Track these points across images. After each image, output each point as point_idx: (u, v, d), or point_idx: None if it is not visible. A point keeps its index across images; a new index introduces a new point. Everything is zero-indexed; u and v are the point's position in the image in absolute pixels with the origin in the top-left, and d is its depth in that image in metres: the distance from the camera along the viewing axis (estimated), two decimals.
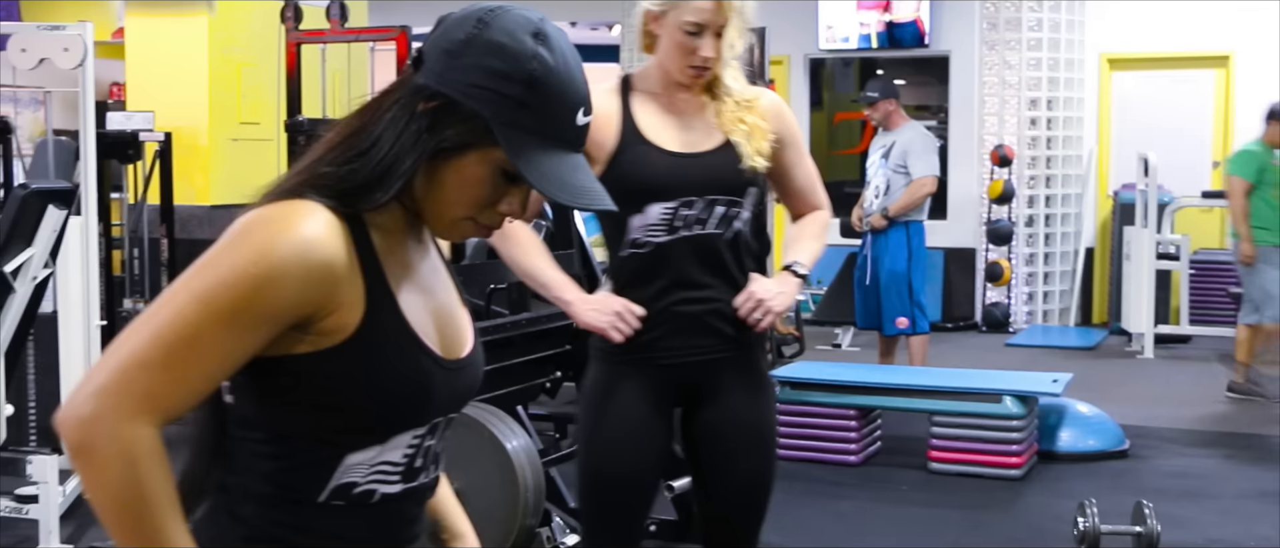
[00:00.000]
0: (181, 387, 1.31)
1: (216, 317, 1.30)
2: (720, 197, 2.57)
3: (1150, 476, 5.65)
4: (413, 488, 1.48)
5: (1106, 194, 10.58)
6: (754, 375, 2.67)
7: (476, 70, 1.37)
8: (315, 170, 1.39)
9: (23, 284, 4.42)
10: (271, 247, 1.31)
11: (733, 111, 2.60)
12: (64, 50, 4.91)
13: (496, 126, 1.36)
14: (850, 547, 4.73)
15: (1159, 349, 9.00)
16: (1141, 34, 10.40)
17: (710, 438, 2.65)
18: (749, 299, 2.57)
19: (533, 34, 1.38)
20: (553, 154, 1.39)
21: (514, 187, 1.41)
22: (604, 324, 2.53)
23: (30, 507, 4.58)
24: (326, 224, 1.34)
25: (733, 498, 2.67)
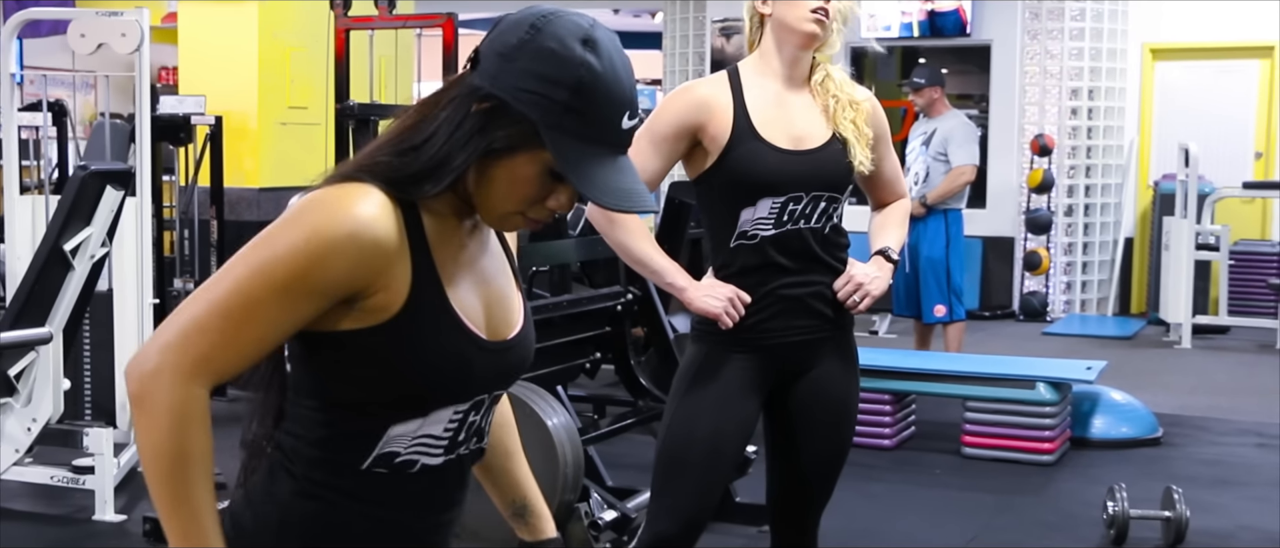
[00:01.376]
0: (234, 352, 1.41)
1: (271, 288, 1.39)
2: (824, 193, 2.66)
3: (1182, 463, 5.67)
4: (454, 459, 1.56)
5: (1147, 184, 10.56)
6: (848, 355, 2.79)
7: (527, 75, 1.43)
8: (373, 158, 1.47)
9: (81, 263, 4.57)
10: (325, 225, 1.40)
11: (845, 111, 2.69)
12: (122, 35, 5.04)
13: (544, 131, 1.43)
14: (882, 529, 4.78)
15: (1197, 340, 9.00)
16: (1185, 24, 10.35)
17: (802, 410, 2.74)
18: (849, 283, 2.69)
19: (582, 41, 1.44)
20: (598, 157, 1.46)
21: (561, 185, 1.48)
22: (718, 310, 2.62)
23: (86, 478, 4.73)
24: (379, 206, 1.42)
25: (814, 467, 2.79)
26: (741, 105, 2.67)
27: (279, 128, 7.13)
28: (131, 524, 4.61)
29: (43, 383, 4.61)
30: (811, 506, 2.84)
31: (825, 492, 2.85)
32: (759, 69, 2.71)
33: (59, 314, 4.50)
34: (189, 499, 1.40)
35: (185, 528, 1.40)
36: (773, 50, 2.69)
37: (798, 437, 2.77)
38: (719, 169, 2.67)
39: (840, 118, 2.68)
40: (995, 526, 4.80)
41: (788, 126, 2.67)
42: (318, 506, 1.50)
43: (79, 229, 4.53)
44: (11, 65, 5.02)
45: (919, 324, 7.22)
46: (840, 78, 2.72)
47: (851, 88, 2.73)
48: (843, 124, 2.68)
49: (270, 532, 1.50)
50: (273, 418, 1.54)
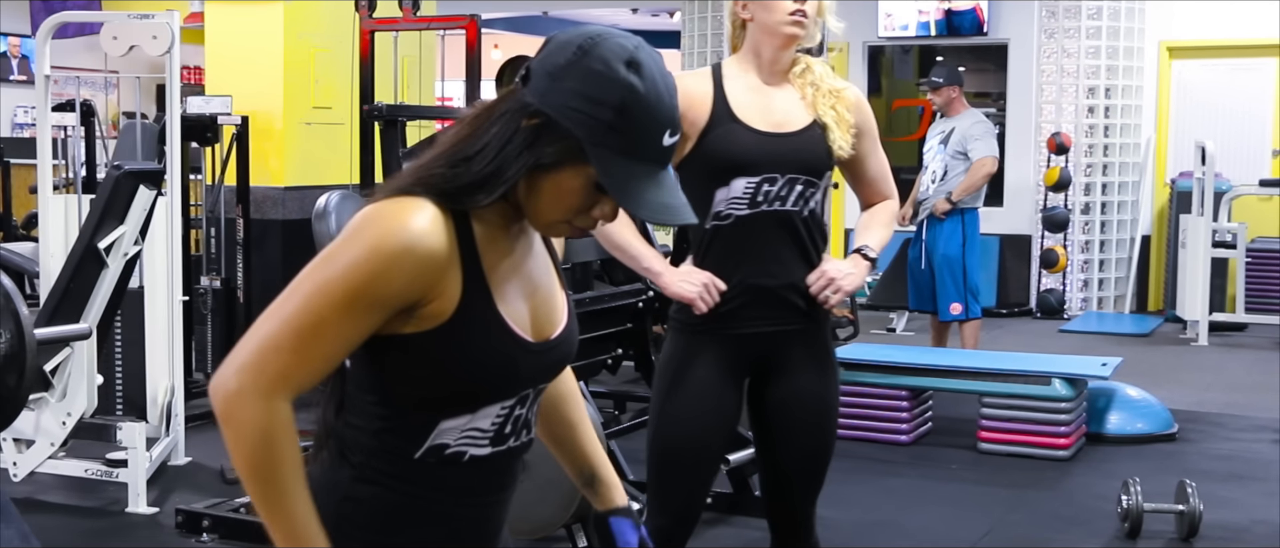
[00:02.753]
0: (309, 366, 1.50)
1: (335, 305, 1.49)
2: (800, 175, 2.70)
3: (1197, 458, 5.69)
4: (501, 452, 1.64)
5: (1164, 182, 10.56)
6: (821, 350, 2.81)
7: (574, 94, 1.50)
8: (428, 171, 1.55)
9: (115, 260, 4.63)
10: (382, 241, 1.49)
11: (826, 99, 2.73)
12: (153, 37, 5.14)
13: (588, 147, 1.51)
14: (899, 522, 4.81)
15: (1214, 337, 9.01)
16: (1202, 22, 10.35)
17: (778, 409, 2.78)
18: (821, 277, 2.71)
19: (627, 63, 1.51)
20: (640, 172, 1.53)
21: (605, 196, 1.55)
22: (692, 295, 2.66)
23: (119, 471, 4.82)
24: (432, 219, 1.51)
25: (796, 464, 2.81)
26: (721, 93, 2.73)
27: (304, 128, 7.18)
28: (164, 516, 4.67)
29: (77, 378, 4.67)
30: (801, 502, 2.86)
31: (813, 488, 2.86)
32: (741, 67, 2.77)
33: (93, 311, 4.56)
34: (286, 505, 1.51)
35: (288, 530, 1.51)
36: (754, 51, 2.75)
37: (780, 437, 2.81)
38: (697, 151, 2.71)
39: (820, 103, 2.72)
40: (1011, 520, 4.83)
41: (767, 112, 2.72)
42: (374, 490, 1.60)
43: (113, 227, 4.58)
44: (46, 67, 5.10)
45: (935, 321, 7.26)
46: (821, 69, 2.77)
47: (833, 79, 2.77)
48: (822, 109, 2.72)
49: (330, 514, 1.59)
50: (334, 410, 1.63)
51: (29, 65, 13.42)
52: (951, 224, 7.03)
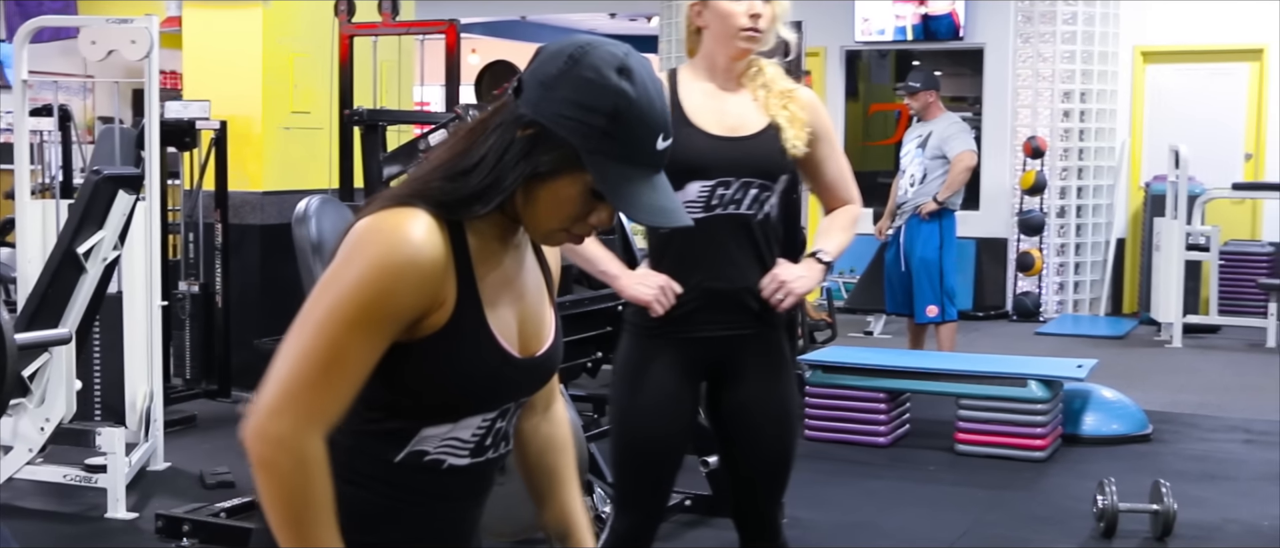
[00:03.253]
0: (335, 393, 1.50)
1: (349, 327, 1.48)
2: (755, 179, 2.72)
3: (1171, 459, 5.73)
4: (480, 463, 1.65)
5: (1138, 186, 10.63)
6: (776, 354, 2.82)
7: (567, 103, 1.51)
8: (427, 183, 1.55)
9: (94, 265, 4.63)
10: (384, 256, 1.49)
11: (778, 99, 2.75)
12: (131, 42, 5.14)
13: (584, 154, 1.51)
14: (878, 523, 4.84)
15: (1188, 339, 9.07)
16: (1175, 27, 10.45)
17: (736, 413, 2.81)
18: (773, 281, 2.73)
19: (618, 69, 1.52)
20: (635, 177, 1.53)
21: (601, 203, 1.56)
22: (649, 297, 2.68)
23: (99, 476, 4.80)
24: (428, 229, 1.51)
25: (758, 467, 2.84)
26: (676, 98, 2.74)
27: (283, 132, 7.17)
28: (143, 521, 4.66)
29: (56, 383, 4.64)
30: (766, 503, 2.88)
31: (776, 490, 2.89)
32: (696, 73, 2.79)
33: (72, 316, 4.55)
34: (320, 540, 1.51)
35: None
36: (709, 57, 2.77)
37: (741, 441, 2.83)
38: None
39: (771, 104, 2.74)
40: (988, 520, 4.86)
41: (721, 116, 2.74)
42: (353, 490, 1.60)
43: (92, 232, 4.58)
44: (24, 72, 5.08)
45: (912, 324, 7.28)
46: (773, 72, 2.79)
47: (785, 80, 2.80)
48: (774, 110, 2.74)
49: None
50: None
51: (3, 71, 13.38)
52: (929, 227, 7.07)
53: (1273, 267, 9.80)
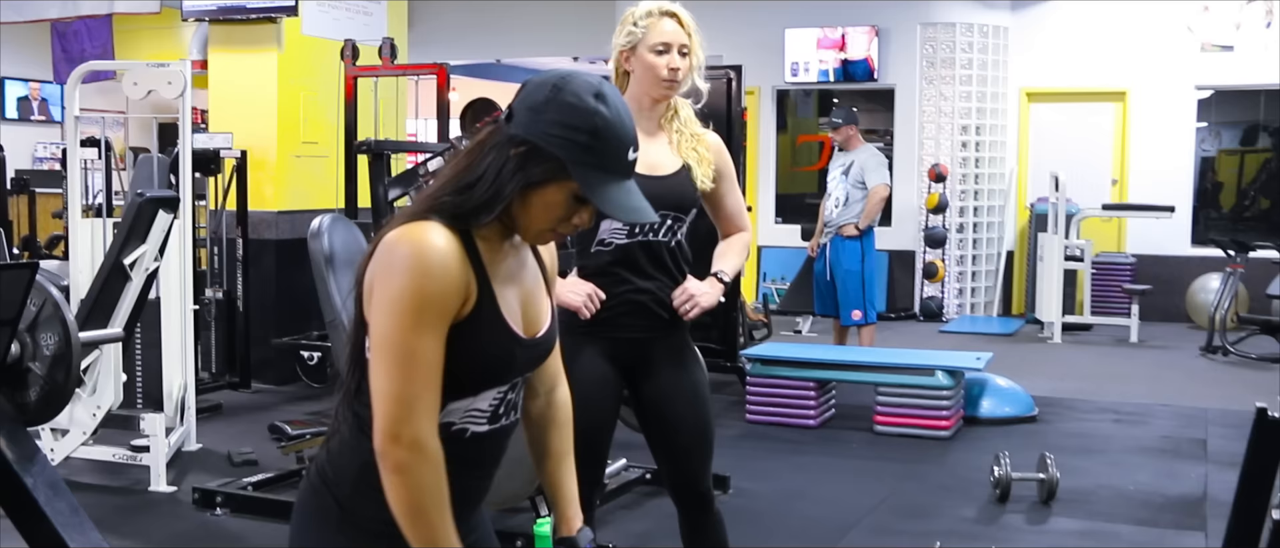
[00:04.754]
0: (431, 389, 1.57)
1: (416, 330, 1.55)
2: (671, 212, 2.77)
3: (1054, 436, 5.80)
4: (496, 429, 1.71)
5: (1024, 206, 10.71)
6: (684, 350, 2.87)
7: (554, 124, 1.58)
8: (437, 199, 1.61)
9: (138, 274, 4.63)
10: (416, 260, 1.55)
11: (689, 142, 2.82)
12: (168, 83, 5.15)
13: (570, 165, 1.58)
14: (810, 493, 4.89)
15: (1066, 335, 9.16)
16: (1054, 72, 10.58)
17: (657, 400, 2.83)
18: (683, 293, 2.78)
19: (594, 95, 1.59)
20: (611, 182, 1.61)
21: (583, 206, 1.63)
22: (578, 303, 2.72)
23: (142, 456, 4.83)
24: (446, 237, 1.58)
25: (687, 441, 2.85)
26: None
27: (294, 160, 7.18)
28: (181, 494, 4.69)
29: (105, 376, 4.67)
30: (699, 475, 2.87)
31: (705, 461, 2.87)
32: None
33: (119, 318, 4.55)
34: (444, 529, 1.58)
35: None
36: (636, 98, 2.79)
37: (668, 422, 2.84)
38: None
39: (684, 147, 2.80)
40: (903, 489, 4.92)
41: (644, 157, 2.73)
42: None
43: (136, 246, 4.57)
44: (76, 109, 5.09)
45: (837, 325, 7.31)
46: (687, 115, 2.84)
47: (696, 125, 2.85)
48: (686, 151, 2.80)
49: (350, 477, 1.66)
50: (354, 389, 1.69)
51: (47, 107, 13.25)
52: (852, 244, 7.10)
53: (1135, 275, 9.96)
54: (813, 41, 10.77)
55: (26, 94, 13.00)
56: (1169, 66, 10.18)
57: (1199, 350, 8.56)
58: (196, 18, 7.25)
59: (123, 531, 4.16)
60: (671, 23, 2.77)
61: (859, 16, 10.62)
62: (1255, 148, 10.79)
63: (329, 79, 7.00)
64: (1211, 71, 10.14)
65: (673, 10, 2.78)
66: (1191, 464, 5.33)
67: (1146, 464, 5.34)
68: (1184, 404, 6.67)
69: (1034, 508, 4.61)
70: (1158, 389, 7.17)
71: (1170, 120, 10.30)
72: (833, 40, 10.74)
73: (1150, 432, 6.01)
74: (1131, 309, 9.17)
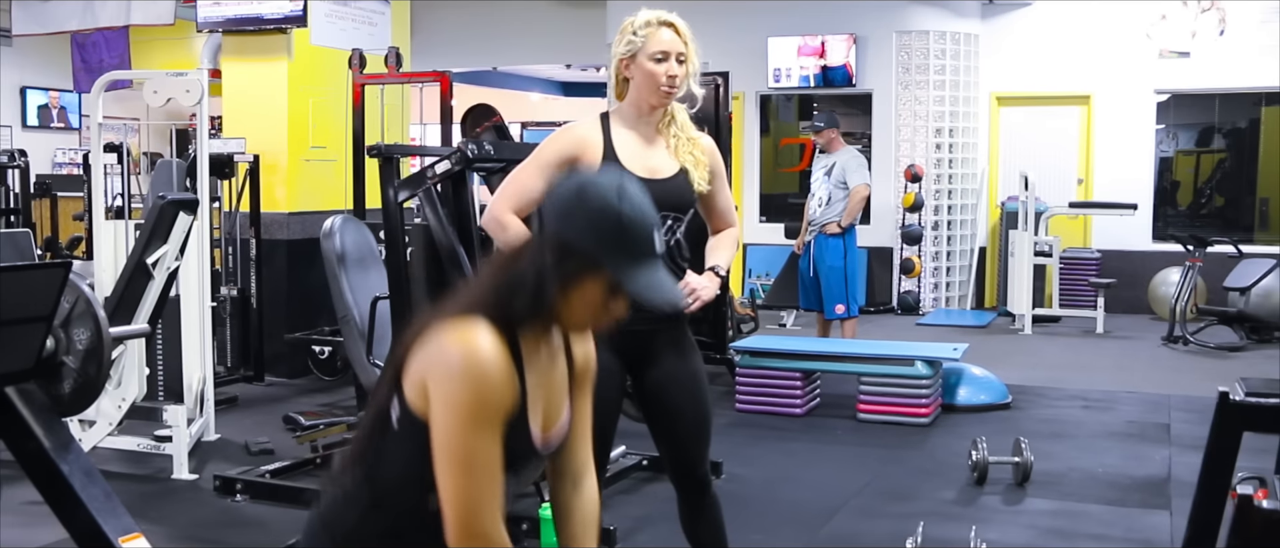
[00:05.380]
0: (494, 489, 1.60)
1: (477, 435, 1.57)
2: (671, 212, 2.79)
3: (1027, 422, 5.84)
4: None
5: (996, 204, 10.74)
6: (684, 341, 2.87)
7: (583, 225, 1.63)
8: (485, 302, 1.64)
9: (160, 273, 4.64)
10: (477, 370, 1.57)
11: (686, 146, 2.83)
12: (186, 91, 5.15)
13: (604, 259, 1.62)
14: (797, 477, 4.91)
15: (1036, 327, 9.20)
16: (1023, 77, 10.62)
17: (659, 389, 2.84)
18: (685, 288, 2.78)
19: (616, 192, 1.64)
20: (642, 269, 1.65)
21: (619, 295, 1.66)
22: None
23: (165, 445, 4.83)
24: (497, 342, 1.60)
25: (685, 428, 2.86)
26: (609, 143, 2.77)
27: (304, 164, 7.18)
28: (203, 481, 4.69)
29: (130, 370, 4.68)
30: (697, 460, 2.89)
31: (703, 446, 2.88)
32: (624, 117, 2.83)
33: (143, 314, 4.56)
34: None
35: None
36: (634, 103, 2.82)
37: (669, 410, 2.85)
38: None
39: (681, 151, 2.81)
40: (885, 473, 4.94)
41: (645, 161, 2.79)
42: (386, 519, 1.68)
43: (158, 246, 4.57)
44: (99, 116, 5.09)
45: (821, 318, 7.33)
46: (683, 119, 2.85)
47: (691, 129, 2.86)
48: (683, 155, 2.81)
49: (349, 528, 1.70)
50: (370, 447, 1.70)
51: (66, 115, 13.22)
52: (835, 242, 7.12)
53: (1100, 269, 10.02)
54: (794, 49, 10.79)
55: (46, 102, 12.98)
56: (1130, 72, 10.24)
57: (1161, 340, 8.62)
58: (210, 29, 7.24)
59: (148, 516, 4.15)
60: (669, 32, 2.78)
61: (838, 25, 10.66)
62: (1210, 148, 10.86)
63: (336, 86, 7.00)
64: (1169, 77, 10.20)
65: (670, 20, 2.80)
66: (1156, 447, 5.37)
67: (1114, 448, 5.38)
68: (1148, 391, 6.72)
69: (1010, 490, 4.64)
70: (1123, 377, 7.22)
71: (1131, 123, 10.37)
72: (813, 48, 10.77)
73: (1117, 417, 6.05)
74: (1097, 302, 9.21)
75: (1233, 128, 10.74)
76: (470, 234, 4.44)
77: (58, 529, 3.54)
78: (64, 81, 11.54)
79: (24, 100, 12.82)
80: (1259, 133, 10.53)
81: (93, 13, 8.12)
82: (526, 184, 2.79)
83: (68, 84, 10.37)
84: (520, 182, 2.82)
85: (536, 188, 2.76)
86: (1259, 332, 8.51)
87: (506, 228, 2.79)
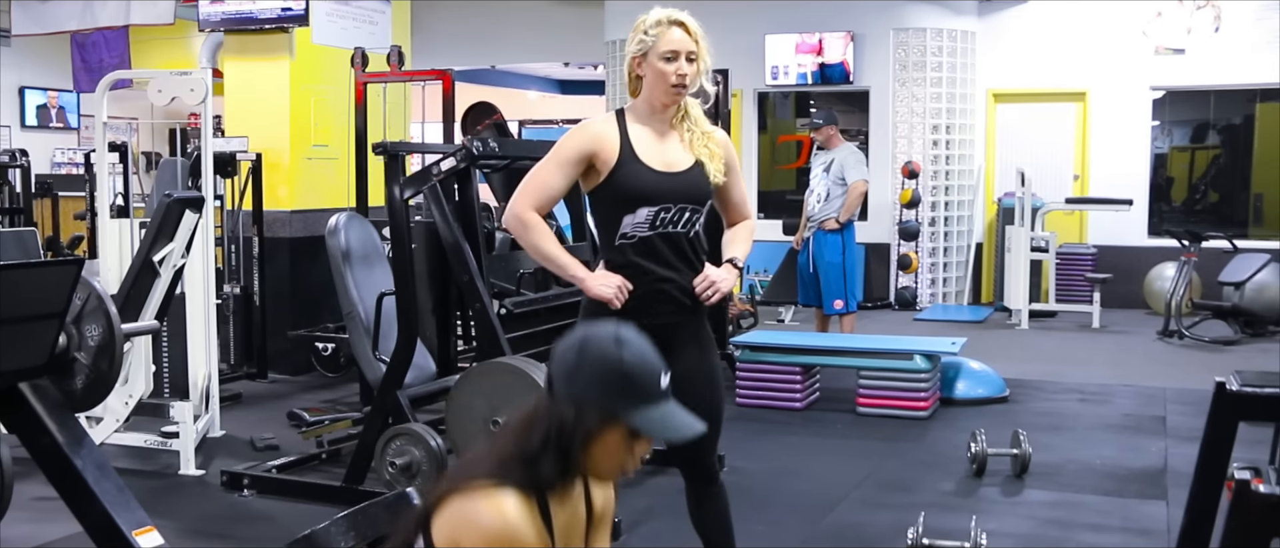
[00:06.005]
0: None
1: None
2: (688, 204, 2.84)
3: (1025, 414, 5.87)
4: None
5: (992, 200, 10.77)
6: (703, 334, 2.92)
7: (590, 382, 1.67)
8: (509, 468, 1.67)
9: (166, 271, 4.67)
10: (508, 539, 1.62)
11: (700, 140, 2.88)
12: (190, 90, 5.18)
13: (618, 410, 1.67)
14: (798, 470, 4.93)
15: (1033, 322, 9.23)
16: (1019, 74, 10.65)
17: (675, 382, 2.88)
18: (703, 280, 2.85)
19: (615, 342, 1.68)
20: (655, 410, 1.69)
21: (639, 439, 1.70)
22: (609, 294, 2.79)
23: (172, 441, 4.87)
24: (521, 507, 1.64)
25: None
26: (626, 138, 2.82)
27: (306, 162, 7.21)
28: (210, 477, 4.73)
29: (137, 366, 4.70)
30: (707, 451, 2.94)
31: (713, 439, 2.94)
32: (639, 113, 2.88)
33: (149, 312, 4.58)
34: None
35: None
36: (648, 100, 2.86)
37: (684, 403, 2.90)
38: (608, 185, 2.83)
39: (696, 144, 2.86)
40: (885, 466, 4.98)
41: (661, 155, 2.84)
42: None
43: (165, 244, 4.59)
44: (104, 115, 5.11)
45: (820, 313, 7.36)
46: (696, 114, 2.90)
47: (706, 123, 2.91)
48: (698, 148, 2.85)
49: None
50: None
51: (64, 115, 13.24)
52: (833, 238, 7.16)
53: (1096, 264, 10.06)
54: (792, 47, 10.81)
55: (45, 102, 13.00)
56: (1125, 69, 10.29)
57: (1156, 334, 8.66)
58: (212, 28, 7.27)
59: (157, 511, 4.15)
60: (679, 31, 2.82)
61: (835, 23, 10.69)
62: (1205, 145, 10.91)
63: (337, 85, 7.03)
64: (1165, 73, 10.25)
65: (680, 19, 2.83)
66: (1152, 439, 5.42)
67: (1111, 440, 5.42)
68: (1144, 384, 6.76)
69: (1008, 481, 4.68)
70: (1119, 371, 7.27)
71: (1127, 119, 10.41)
72: (811, 45, 10.80)
73: (1113, 410, 6.10)
74: (1093, 296, 9.25)
75: (1227, 124, 10.78)
76: (475, 230, 4.48)
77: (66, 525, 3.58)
78: (62, 81, 11.56)
79: (23, 100, 12.83)
80: (1253, 129, 10.58)
81: (92, 13, 8.14)
82: (546, 181, 2.83)
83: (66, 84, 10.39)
84: (540, 179, 2.87)
85: (556, 184, 2.82)
86: (1253, 326, 8.57)
87: (528, 226, 2.84)
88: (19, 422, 2.92)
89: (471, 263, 4.25)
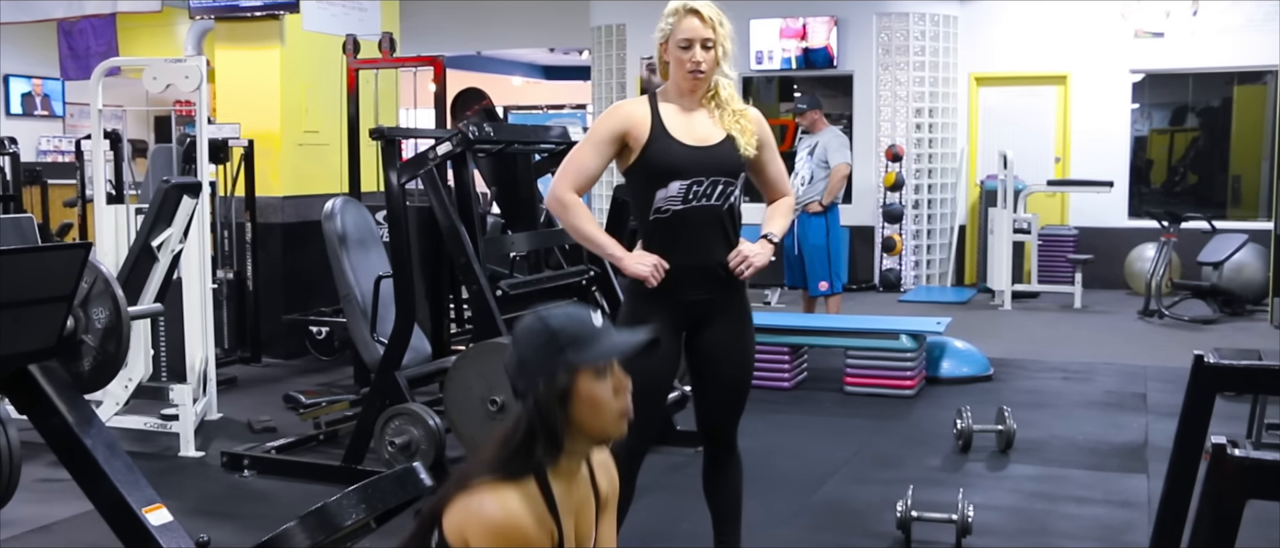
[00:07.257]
0: None
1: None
2: (721, 178, 2.88)
3: (1009, 392, 5.95)
4: None
5: (975, 183, 10.83)
6: (740, 309, 3.00)
7: (534, 359, 1.79)
8: (500, 461, 1.78)
9: (164, 255, 4.72)
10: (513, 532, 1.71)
11: (732, 117, 2.93)
12: (185, 77, 5.21)
13: (567, 361, 1.77)
14: (788, 448, 5.00)
15: (1015, 303, 9.30)
16: (1001, 57, 10.71)
17: (707, 353, 2.97)
18: (738, 256, 2.90)
19: (536, 319, 1.81)
20: (598, 340, 1.80)
21: (606, 377, 1.81)
22: (646, 273, 2.85)
23: (172, 423, 4.92)
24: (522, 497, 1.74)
25: (722, 393, 3.01)
26: (657, 116, 2.88)
27: (297, 148, 7.23)
28: (210, 458, 4.78)
29: (136, 350, 4.71)
30: (728, 421, 3.05)
31: (736, 410, 3.04)
32: (668, 95, 2.95)
33: (148, 296, 4.62)
34: None
35: None
36: (676, 83, 2.93)
37: (711, 373, 2.98)
38: (641, 161, 2.89)
39: (726, 120, 2.91)
40: (872, 443, 5.05)
41: (691, 130, 2.90)
42: None
43: (163, 229, 4.64)
44: (99, 103, 5.14)
45: (805, 295, 7.43)
46: (727, 92, 2.95)
47: (738, 101, 2.98)
48: (729, 125, 2.90)
49: None
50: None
51: (50, 102, 13.19)
52: (818, 220, 7.24)
53: (1077, 245, 10.15)
54: (776, 31, 10.84)
55: (30, 90, 12.95)
56: (1105, 52, 10.37)
57: (1137, 314, 8.76)
58: (202, 15, 7.27)
59: (160, 491, 4.10)
60: (694, 20, 2.87)
61: (819, 7, 10.73)
62: (1184, 127, 11.02)
63: (328, 72, 7.06)
64: (1144, 56, 10.33)
65: (696, 7, 2.89)
66: (1133, 416, 5.51)
67: (1093, 416, 5.51)
68: (1125, 362, 6.85)
69: (993, 457, 4.76)
70: (1101, 349, 7.36)
71: (1107, 102, 10.49)
72: (795, 30, 10.83)
73: (1095, 388, 6.19)
74: (1075, 277, 9.33)
75: (1206, 107, 10.90)
76: (471, 214, 4.53)
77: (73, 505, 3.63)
78: (47, 69, 11.54)
79: (7, 88, 12.78)
80: (1231, 112, 10.69)
81: (79, 1, 8.14)
82: (584, 162, 2.91)
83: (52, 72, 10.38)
84: (578, 161, 2.94)
85: (592, 164, 2.90)
86: (1231, 305, 8.69)
87: (568, 207, 2.92)
88: (29, 403, 2.98)
89: (468, 246, 4.30)
